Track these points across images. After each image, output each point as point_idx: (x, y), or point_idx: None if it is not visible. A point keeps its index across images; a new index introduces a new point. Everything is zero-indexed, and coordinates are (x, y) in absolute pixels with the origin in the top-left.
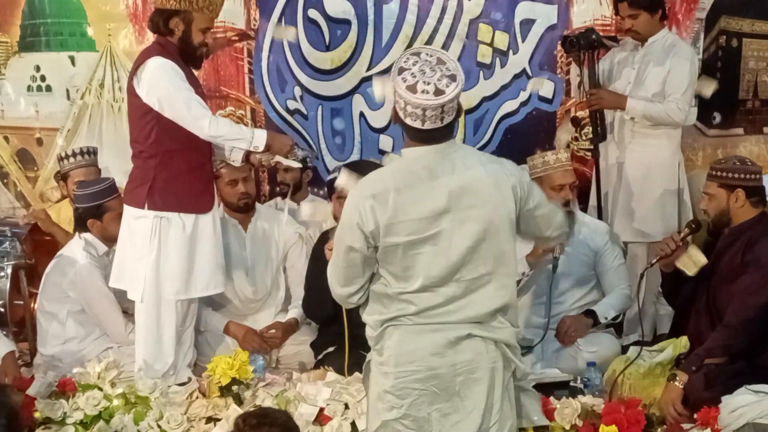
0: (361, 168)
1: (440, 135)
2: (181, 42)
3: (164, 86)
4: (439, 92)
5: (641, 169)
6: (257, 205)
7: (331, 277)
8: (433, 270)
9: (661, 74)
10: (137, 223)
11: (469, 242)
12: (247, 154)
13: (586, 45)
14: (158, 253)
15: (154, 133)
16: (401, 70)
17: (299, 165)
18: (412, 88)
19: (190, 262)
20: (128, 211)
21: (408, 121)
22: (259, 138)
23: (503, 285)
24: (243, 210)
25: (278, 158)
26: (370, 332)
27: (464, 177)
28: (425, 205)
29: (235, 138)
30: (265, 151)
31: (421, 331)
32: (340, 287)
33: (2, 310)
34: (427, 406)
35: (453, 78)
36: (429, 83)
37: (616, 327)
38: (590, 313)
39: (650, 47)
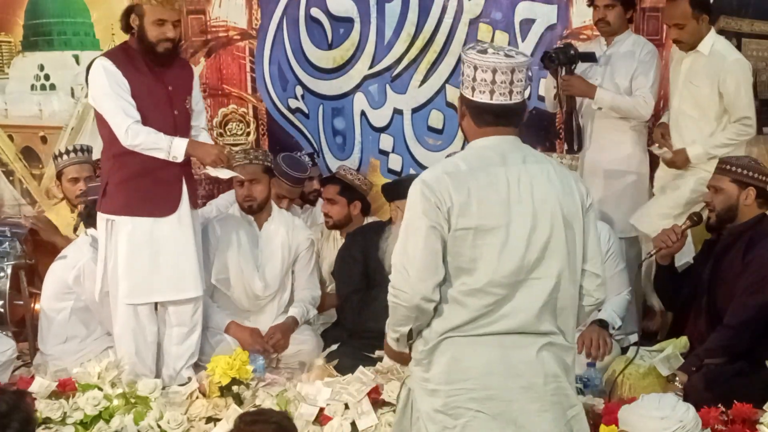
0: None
1: (508, 118)
2: (139, 38)
3: (96, 87)
4: (508, 56)
5: (614, 165)
6: (274, 207)
7: (405, 274)
8: (504, 264)
9: (629, 70)
10: (98, 225)
11: (543, 237)
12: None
13: (564, 60)
14: (107, 256)
15: (106, 135)
16: (468, 49)
17: (228, 176)
18: (482, 51)
19: (145, 267)
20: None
21: (476, 96)
22: (178, 148)
23: (565, 288)
24: (247, 211)
25: (208, 169)
26: (420, 346)
27: (535, 169)
28: (498, 189)
29: (152, 148)
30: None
31: (475, 343)
32: (419, 282)
33: (2, 310)
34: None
35: (522, 54)
36: (499, 52)
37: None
38: (601, 323)
39: (617, 45)
